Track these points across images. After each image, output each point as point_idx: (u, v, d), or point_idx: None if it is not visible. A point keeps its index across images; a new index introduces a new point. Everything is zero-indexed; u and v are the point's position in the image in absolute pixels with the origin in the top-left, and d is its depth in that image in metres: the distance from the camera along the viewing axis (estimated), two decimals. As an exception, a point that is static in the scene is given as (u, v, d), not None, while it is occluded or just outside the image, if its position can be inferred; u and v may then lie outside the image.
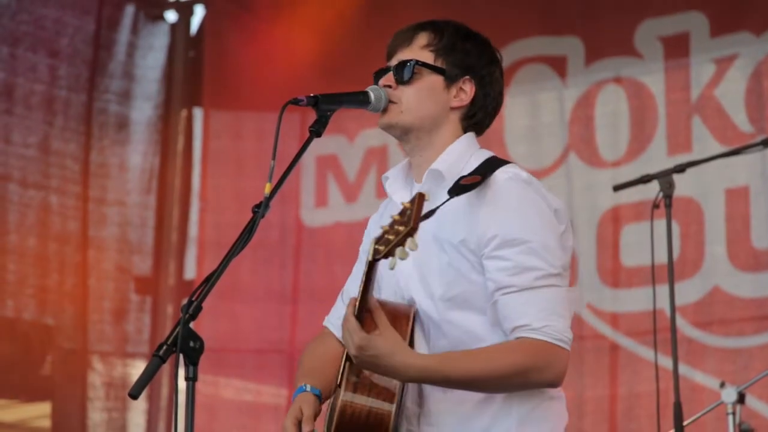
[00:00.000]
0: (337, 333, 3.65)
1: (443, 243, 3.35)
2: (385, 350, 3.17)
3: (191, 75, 8.69)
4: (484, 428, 3.34)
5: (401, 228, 2.94)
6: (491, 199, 3.32)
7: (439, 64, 3.49)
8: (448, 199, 3.31)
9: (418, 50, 3.50)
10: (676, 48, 7.13)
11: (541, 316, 3.25)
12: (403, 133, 3.50)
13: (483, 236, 3.30)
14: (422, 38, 3.52)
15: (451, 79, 3.49)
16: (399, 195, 3.54)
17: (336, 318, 3.70)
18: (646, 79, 7.19)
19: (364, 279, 3.14)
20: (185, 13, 8.80)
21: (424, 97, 3.48)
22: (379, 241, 3.00)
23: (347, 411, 3.23)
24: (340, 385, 3.36)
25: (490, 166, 3.38)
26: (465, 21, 3.68)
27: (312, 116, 3.43)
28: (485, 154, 3.48)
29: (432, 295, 3.35)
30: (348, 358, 3.28)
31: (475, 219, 3.32)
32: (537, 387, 3.33)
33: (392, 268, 2.98)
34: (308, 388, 3.50)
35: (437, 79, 3.49)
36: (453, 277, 3.34)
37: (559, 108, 7.40)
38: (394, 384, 3.26)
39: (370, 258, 3.04)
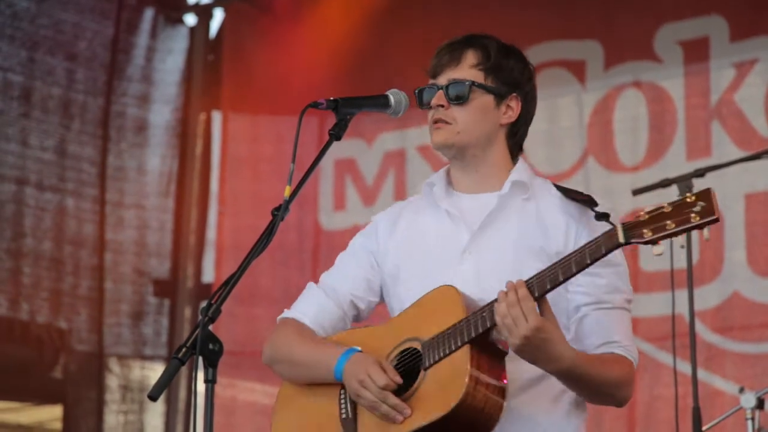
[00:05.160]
0: (314, 324, 3.63)
1: (539, 252, 3.38)
2: (556, 336, 3.17)
3: (210, 78, 8.70)
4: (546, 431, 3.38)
5: (695, 217, 2.95)
6: (590, 220, 3.41)
7: (489, 83, 3.53)
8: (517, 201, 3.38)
9: (468, 69, 3.53)
10: (696, 52, 7.10)
11: (627, 336, 3.39)
12: (459, 152, 3.53)
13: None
14: (471, 57, 3.54)
15: (500, 98, 3.55)
16: (441, 203, 3.56)
17: (316, 307, 3.64)
18: (665, 83, 7.17)
19: (587, 261, 3.11)
20: (204, 17, 8.81)
21: (479, 117, 3.52)
22: (639, 225, 3.04)
23: (468, 398, 3.19)
24: (426, 369, 3.30)
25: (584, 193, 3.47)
26: (484, 25, 3.71)
27: (330, 119, 3.44)
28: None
29: None
30: (469, 341, 3.21)
31: (570, 232, 3.42)
32: (615, 401, 3.39)
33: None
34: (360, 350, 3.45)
35: (489, 99, 3.53)
36: None
37: (578, 112, 7.39)
38: (505, 379, 3.25)
39: (622, 240, 3.07)
